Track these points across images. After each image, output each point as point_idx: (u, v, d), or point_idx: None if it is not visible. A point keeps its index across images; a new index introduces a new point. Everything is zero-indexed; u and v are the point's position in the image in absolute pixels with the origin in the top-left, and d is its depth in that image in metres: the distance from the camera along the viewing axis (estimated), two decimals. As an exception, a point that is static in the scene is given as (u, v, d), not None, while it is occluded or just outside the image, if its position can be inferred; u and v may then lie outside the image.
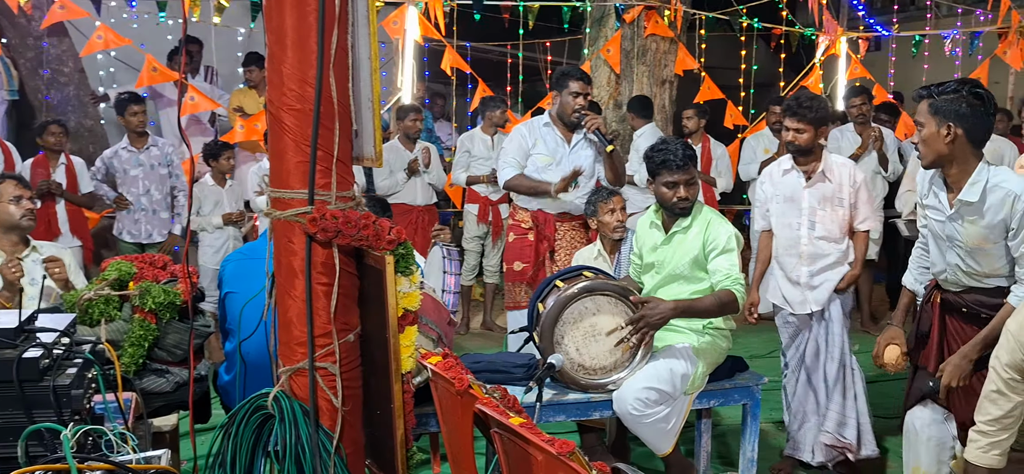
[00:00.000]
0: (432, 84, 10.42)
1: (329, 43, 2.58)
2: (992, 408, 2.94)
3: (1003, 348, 2.92)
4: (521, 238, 5.18)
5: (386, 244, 2.60)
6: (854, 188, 4.32)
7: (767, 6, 9.95)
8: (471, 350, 5.90)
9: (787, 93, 9.18)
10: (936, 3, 12.56)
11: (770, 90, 10.65)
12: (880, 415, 5.37)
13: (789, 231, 4.43)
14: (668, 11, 8.43)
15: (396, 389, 2.67)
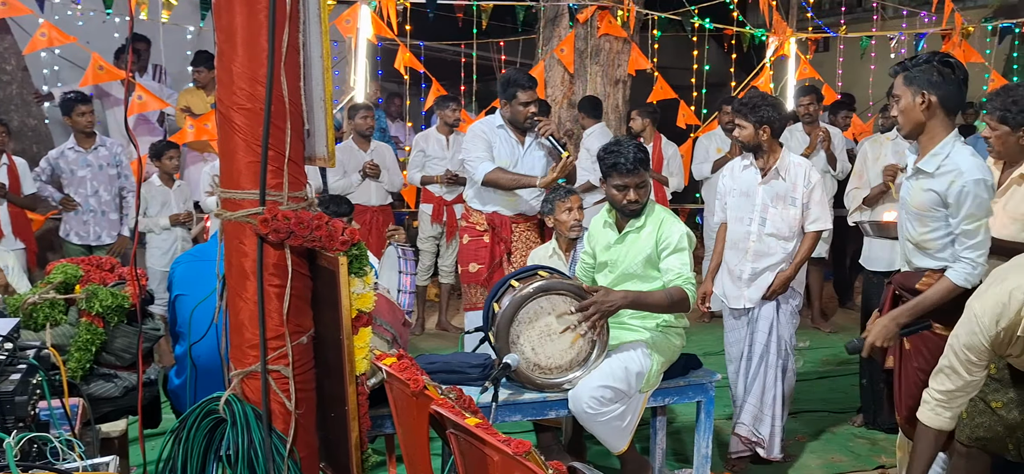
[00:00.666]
0: (386, 83, 10.37)
1: (280, 41, 2.55)
2: (946, 381, 3.04)
3: (963, 328, 2.96)
4: (476, 240, 5.17)
5: (339, 245, 2.58)
6: (808, 188, 4.39)
7: (718, 7, 10.06)
8: (426, 351, 5.88)
9: (738, 93, 9.29)
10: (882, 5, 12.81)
11: (722, 90, 10.77)
12: (833, 410, 5.47)
13: (741, 225, 4.50)
14: (621, 11, 8.48)
15: (350, 391, 2.65)
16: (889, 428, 4.98)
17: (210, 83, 7.53)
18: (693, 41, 9.91)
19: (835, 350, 6.91)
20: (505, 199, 5.09)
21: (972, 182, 3.21)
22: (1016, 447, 3.19)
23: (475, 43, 9.09)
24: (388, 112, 10.16)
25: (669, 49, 11.05)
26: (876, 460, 4.65)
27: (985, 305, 2.91)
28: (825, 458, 4.71)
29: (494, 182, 5.04)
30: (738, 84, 9.97)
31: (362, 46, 8.00)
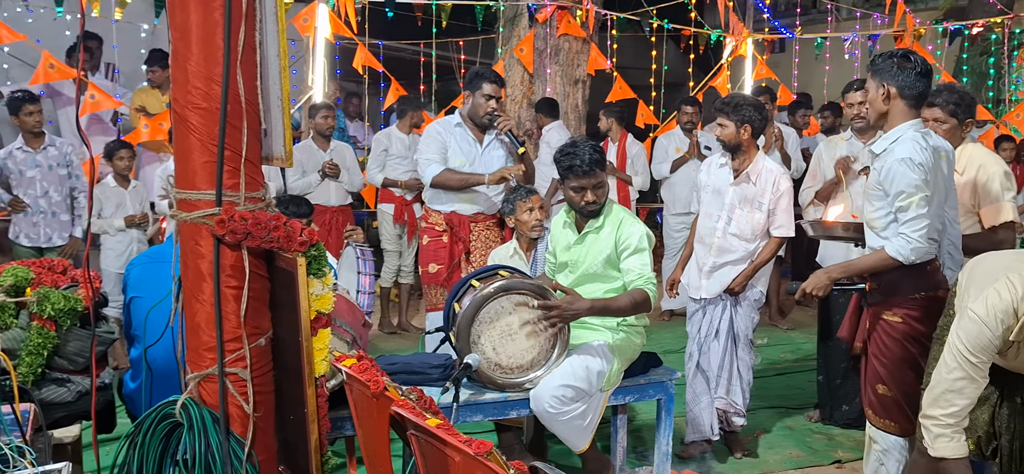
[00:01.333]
0: (345, 83, 10.29)
1: (236, 40, 2.52)
2: (958, 398, 2.94)
3: (967, 333, 2.91)
4: (435, 240, 5.14)
5: (297, 246, 2.55)
6: (776, 195, 4.48)
7: (676, 8, 10.14)
8: (387, 351, 5.85)
9: (696, 93, 9.38)
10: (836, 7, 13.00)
11: (680, 90, 10.86)
12: (790, 407, 5.54)
13: (709, 221, 4.63)
14: (580, 11, 8.51)
15: (309, 393, 2.63)
16: (846, 423, 5.06)
17: (165, 82, 7.41)
18: (651, 41, 9.97)
19: (792, 347, 7.00)
20: (463, 198, 5.07)
21: (897, 162, 3.35)
22: (977, 444, 3.24)
23: (434, 42, 9.06)
24: (347, 112, 10.09)
25: (628, 49, 11.10)
26: (833, 455, 4.72)
27: (990, 306, 2.87)
28: (783, 453, 4.77)
29: (442, 183, 5.02)
30: (696, 84, 10.06)
31: (320, 45, 7.93)
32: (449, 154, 5.05)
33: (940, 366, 2.98)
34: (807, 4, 13.63)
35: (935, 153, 3.47)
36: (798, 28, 11.78)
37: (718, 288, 4.57)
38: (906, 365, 3.54)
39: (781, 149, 7.38)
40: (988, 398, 3.19)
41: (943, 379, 2.96)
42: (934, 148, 3.49)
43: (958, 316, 3.00)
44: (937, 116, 3.90)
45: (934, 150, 3.47)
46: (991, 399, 3.19)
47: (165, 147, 7.08)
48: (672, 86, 10.63)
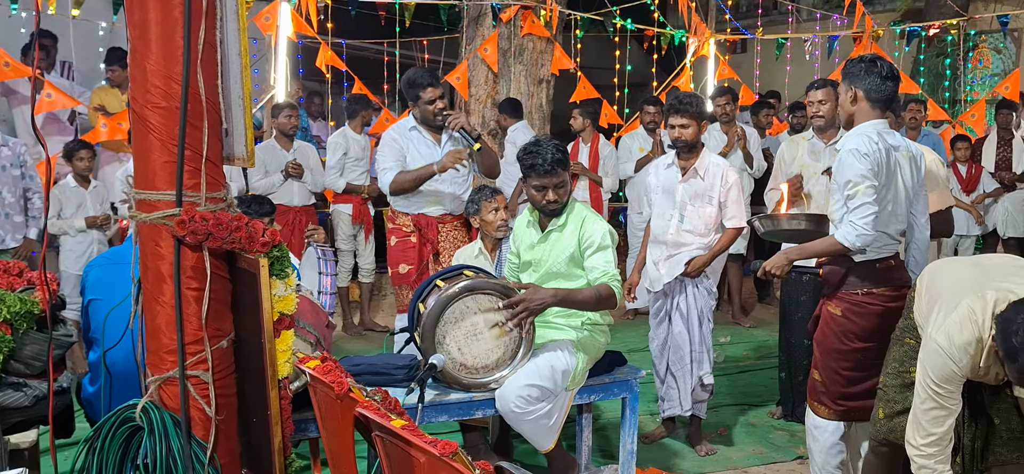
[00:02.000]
0: (307, 82, 10.21)
1: (196, 38, 2.49)
2: (934, 428, 2.95)
3: (930, 365, 2.92)
4: (404, 241, 5.09)
5: (260, 246, 2.53)
6: (725, 188, 4.60)
7: (640, 8, 10.20)
8: (351, 352, 5.81)
9: (660, 93, 9.44)
10: (797, 8, 13.15)
11: (643, 90, 10.93)
12: (753, 404, 5.60)
13: (662, 220, 4.72)
14: (544, 11, 8.52)
15: (273, 395, 2.60)
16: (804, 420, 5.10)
17: (125, 81, 7.30)
18: (615, 41, 10.02)
19: (755, 344, 7.07)
20: (430, 200, 5.03)
21: (846, 152, 3.52)
22: None
23: (398, 41, 9.02)
24: (309, 111, 10.02)
25: (592, 49, 11.14)
26: (795, 451, 4.77)
27: (951, 336, 2.88)
28: (746, 450, 4.82)
29: (400, 186, 4.94)
30: (659, 84, 10.13)
31: (282, 44, 7.87)
32: (408, 159, 4.99)
33: (916, 394, 3.00)
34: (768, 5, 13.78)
35: (891, 150, 3.55)
36: (759, 29, 11.91)
37: (677, 270, 4.65)
38: (839, 357, 3.67)
39: (743, 148, 7.45)
40: None
41: (917, 408, 2.99)
42: (892, 146, 3.57)
43: (923, 344, 3.01)
44: None
45: (890, 148, 3.56)
46: None
47: (125, 147, 6.97)
48: (636, 86, 10.69)
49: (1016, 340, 2.62)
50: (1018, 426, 3.10)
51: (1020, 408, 3.05)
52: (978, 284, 2.91)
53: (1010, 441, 3.12)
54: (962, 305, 2.88)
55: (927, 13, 12.12)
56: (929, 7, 12.26)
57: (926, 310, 3.09)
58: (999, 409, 3.13)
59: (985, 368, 2.89)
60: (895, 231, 3.66)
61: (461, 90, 8.79)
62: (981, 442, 3.19)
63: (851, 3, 10.05)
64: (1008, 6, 12.09)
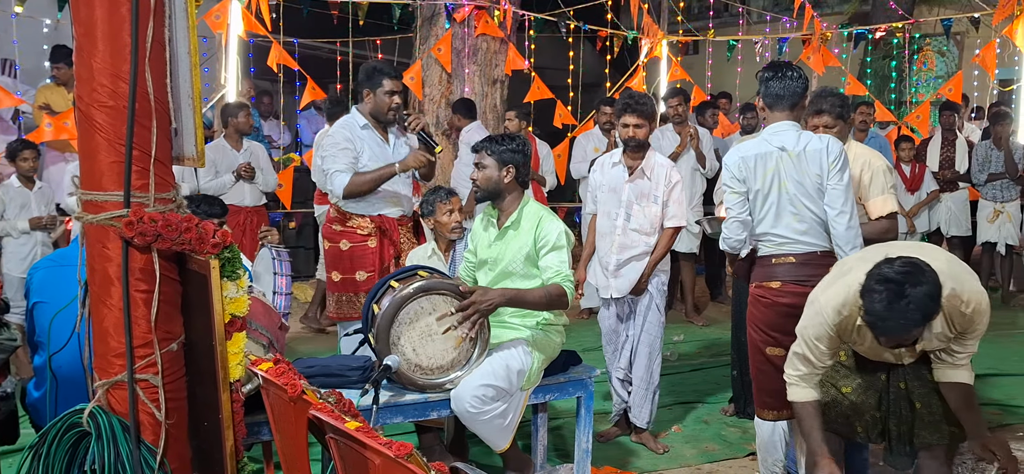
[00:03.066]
0: (259, 81, 10.10)
1: (144, 36, 2.44)
2: (801, 365, 3.26)
3: (810, 319, 3.18)
4: (360, 245, 4.89)
5: (210, 248, 2.49)
6: (668, 187, 4.69)
7: (593, 9, 10.25)
8: (305, 354, 5.76)
9: (613, 93, 9.50)
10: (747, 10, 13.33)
11: (597, 90, 10.99)
12: (706, 401, 5.65)
13: (608, 219, 4.77)
14: (497, 11, 8.53)
15: (224, 398, 2.57)
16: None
17: (71, 79, 7.14)
18: (569, 42, 10.06)
19: (708, 342, 7.15)
20: (389, 200, 4.88)
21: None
22: (864, 429, 3.40)
23: (351, 41, 8.96)
24: (260, 110, 9.91)
25: (545, 50, 11.19)
26: (747, 447, 4.83)
27: (829, 297, 3.13)
28: (699, 447, 4.86)
29: (356, 189, 4.71)
30: (613, 85, 10.19)
31: (233, 42, 7.77)
32: (361, 159, 4.79)
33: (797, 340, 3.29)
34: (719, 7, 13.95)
35: (767, 155, 3.80)
36: (711, 31, 12.04)
37: (627, 287, 4.72)
38: (754, 352, 3.92)
39: (696, 149, 7.53)
40: (874, 384, 3.37)
41: (792, 349, 3.29)
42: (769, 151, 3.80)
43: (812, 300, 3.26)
44: (826, 122, 4.14)
45: (766, 153, 3.80)
46: (877, 385, 3.35)
47: (71, 146, 6.84)
48: (589, 87, 10.75)
49: (870, 281, 2.85)
50: (938, 409, 3.24)
51: (940, 391, 3.21)
52: (869, 257, 3.06)
53: (932, 424, 3.26)
54: (852, 272, 3.09)
55: (873, 16, 12.38)
56: (875, 10, 12.53)
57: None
58: (920, 394, 3.28)
59: (860, 336, 3.11)
60: (790, 230, 3.80)
61: (415, 90, 8.76)
62: (907, 427, 3.32)
63: (800, 6, 10.21)
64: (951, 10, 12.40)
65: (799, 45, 10.50)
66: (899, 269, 2.81)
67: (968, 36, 12.47)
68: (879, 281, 2.82)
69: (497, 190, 3.90)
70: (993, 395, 5.64)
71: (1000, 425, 5.19)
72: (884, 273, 2.82)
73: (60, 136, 6.89)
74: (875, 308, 2.81)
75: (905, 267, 2.81)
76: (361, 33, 9.15)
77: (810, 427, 3.24)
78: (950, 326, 3.04)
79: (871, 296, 2.83)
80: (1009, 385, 5.84)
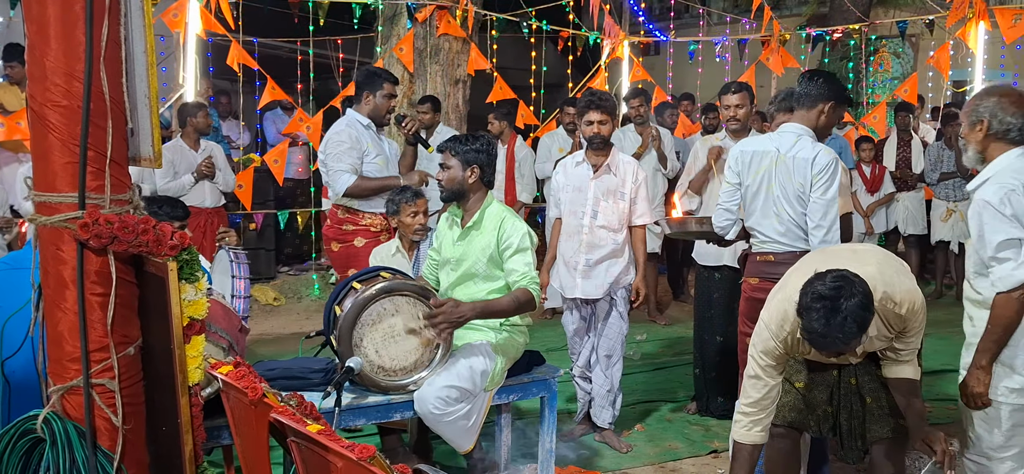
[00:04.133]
0: (217, 81, 9.98)
1: (99, 35, 2.40)
2: (752, 391, 3.23)
3: (758, 336, 3.22)
4: (373, 241, 5.01)
5: (168, 250, 2.45)
6: (635, 184, 4.73)
7: (555, 9, 10.27)
8: (266, 357, 5.70)
9: (575, 94, 9.53)
10: (708, 12, 13.45)
11: (559, 91, 11.01)
12: (668, 400, 5.69)
13: (574, 218, 4.78)
14: (459, 11, 8.51)
15: (183, 403, 2.53)
16: (721, 414, 5.22)
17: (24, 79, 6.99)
18: (531, 42, 10.07)
19: (671, 341, 7.19)
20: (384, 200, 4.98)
21: None
22: (817, 424, 3.45)
23: (312, 40, 8.89)
24: (218, 110, 9.80)
25: (508, 50, 11.19)
26: (710, 445, 4.87)
27: (771, 314, 3.18)
28: (662, 445, 4.89)
29: (356, 193, 4.94)
30: (575, 85, 10.22)
31: (191, 41, 7.67)
32: (367, 158, 4.98)
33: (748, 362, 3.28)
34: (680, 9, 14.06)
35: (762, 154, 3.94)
36: (672, 32, 12.13)
37: (598, 291, 4.70)
38: (741, 345, 4.00)
39: (658, 149, 7.57)
40: (826, 380, 3.43)
41: (744, 374, 3.28)
42: (765, 150, 3.94)
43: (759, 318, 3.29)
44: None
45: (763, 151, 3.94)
46: (828, 380, 3.40)
47: (24, 147, 6.70)
48: (551, 87, 10.77)
49: (805, 300, 2.87)
50: (887, 403, 3.32)
51: (888, 387, 3.28)
52: (813, 268, 3.06)
53: (881, 417, 3.32)
54: (789, 285, 3.14)
55: (831, 18, 12.54)
56: (833, 12, 12.69)
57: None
58: (870, 389, 3.35)
59: (804, 347, 3.12)
60: (772, 230, 3.91)
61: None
62: (858, 422, 3.38)
63: (759, 7, 10.32)
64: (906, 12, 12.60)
65: (758, 46, 10.62)
66: (831, 284, 2.84)
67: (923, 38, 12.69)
68: (814, 299, 2.84)
69: (461, 190, 3.89)
70: (949, 391, 5.74)
71: (955, 420, 5.28)
72: (817, 290, 2.85)
73: (13, 136, 6.74)
74: (813, 326, 2.84)
75: (836, 281, 2.84)
76: (322, 32, 9.08)
77: (738, 470, 3.28)
78: (887, 327, 3.10)
79: (809, 314, 2.85)
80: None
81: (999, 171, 3.09)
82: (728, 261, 5.07)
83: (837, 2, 12.30)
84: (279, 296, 8.53)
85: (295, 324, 7.59)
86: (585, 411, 4.96)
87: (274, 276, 9.15)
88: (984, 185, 3.12)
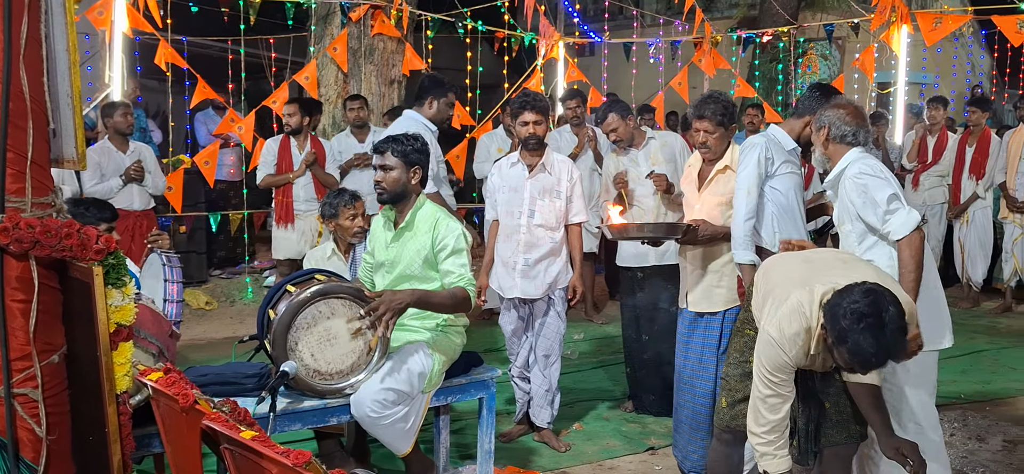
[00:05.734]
0: (145, 80, 9.75)
1: (17, 33, 2.32)
2: (770, 414, 3.11)
3: (764, 355, 3.09)
4: None
5: (93, 254, 2.38)
6: (571, 183, 4.77)
7: (490, 10, 10.28)
8: (198, 362, 5.58)
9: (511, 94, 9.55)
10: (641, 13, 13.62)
11: (495, 91, 11.02)
12: (604, 399, 5.73)
13: (511, 219, 4.78)
14: (394, 11, 8.46)
15: (110, 411, 2.46)
16: (657, 411, 5.27)
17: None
18: (466, 43, 10.07)
19: (608, 340, 7.25)
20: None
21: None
22: None
23: (243, 39, 8.74)
24: (146, 110, 9.57)
25: (443, 50, 11.16)
26: (646, 442, 4.92)
27: (780, 328, 3.05)
28: (600, 444, 4.93)
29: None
30: (511, 86, 10.24)
31: (117, 40, 7.47)
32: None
33: (754, 384, 3.17)
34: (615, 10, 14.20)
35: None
36: (606, 33, 12.24)
37: (537, 290, 4.73)
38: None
39: (594, 149, 7.62)
40: None
41: (755, 397, 3.15)
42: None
43: (758, 336, 3.18)
44: (706, 127, 4.22)
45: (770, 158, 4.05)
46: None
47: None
48: (487, 88, 10.78)
49: (844, 322, 2.80)
50: (847, 409, 3.31)
51: (849, 392, 3.27)
52: (806, 278, 3.10)
53: (839, 423, 3.33)
54: (792, 298, 3.06)
55: (761, 21, 12.81)
56: (763, 15, 12.97)
57: (760, 303, 3.28)
58: (829, 393, 3.34)
59: (814, 356, 3.08)
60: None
61: (310, 90, 8.61)
62: (814, 425, 3.39)
63: (691, 9, 10.47)
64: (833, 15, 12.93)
65: (691, 48, 10.78)
66: (867, 300, 2.80)
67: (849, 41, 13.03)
68: (856, 318, 2.78)
69: (404, 192, 3.84)
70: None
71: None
72: (856, 309, 2.79)
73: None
74: (865, 347, 2.77)
75: (869, 295, 2.81)
76: (254, 32, 8.94)
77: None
78: None
79: (856, 336, 2.78)
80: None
81: (852, 161, 3.62)
82: (654, 260, 5.12)
83: (766, 5, 12.57)
84: (211, 300, 8.36)
85: (228, 328, 7.45)
86: (524, 411, 4.97)
87: (206, 280, 8.97)
88: (849, 167, 3.60)
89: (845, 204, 3.61)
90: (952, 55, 15.20)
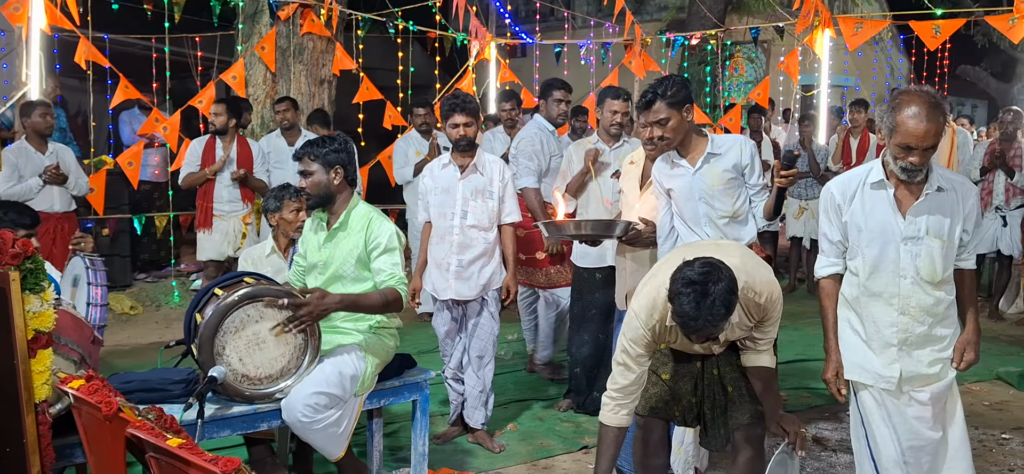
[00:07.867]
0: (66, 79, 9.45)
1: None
2: (621, 378, 3.36)
3: (627, 325, 3.35)
4: (530, 229, 5.47)
5: (9, 259, 2.30)
6: (503, 183, 4.79)
7: (422, 10, 10.24)
8: (122, 369, 5.43)
9: (443, 94, 9.52)
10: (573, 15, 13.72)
11: (427, 91, 10.99)
12: (538, 398, 5.76)
13: (444, 220, 4.77)
14: (324, 10, 8.36)
15: (29, 421, 2.38)
16: (593, 411, 5.31)
17: None
18: (398, 43, 10.01)
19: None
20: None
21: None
22: (682, 413, 3.59)
23: (168, 37, 8.53)
24: (65, 110, 9.28)
25: (374, 50, 11.07)
26: (580, 441, 4.95)
27: (641, 303, 3.32)
28: (534, 443, 4.94)
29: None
30: (443, 86, 10.22)
31: (35, 36, 7.23)
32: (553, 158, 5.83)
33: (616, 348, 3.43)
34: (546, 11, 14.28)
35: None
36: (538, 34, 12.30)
37: (471, 291, 4.73)
38: None
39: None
40: (690, 371, 3.57)
41: (614, 359, 3.40)
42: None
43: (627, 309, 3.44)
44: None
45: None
46: (693, 372, 3.55)
47: None
48: (419, 88, 10.73)
49: (676, 286, 3.03)
50: (747, 391, 3.49)
51: (746, 375, 3.47)
52: (676, 260, 3.24)
53: (742, 405, 3.49)
54: (658, 276, 3.30)
55: (689, 24, 13.02)
56: (691, 18, 13.18)
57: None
58: (731, 378, 3.51)
59: (672, 335, 3.31)
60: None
61: (238, 89, 8.46)
62: (720, 410, 3.54)
63: (621, 11, 10.59)
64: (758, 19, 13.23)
65: (621, 50, 10.90)
66: (700, 270, 3.02)
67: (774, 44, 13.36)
68: (684, 284, 3.01)
69: (328, 194, 3.81)
70: (803, 380, 6.04)
71: (810, 407, 5.58)
72: (687, 276, 3.02)
73: None
74: (685, 309, 3.00)
75: (704, 268, 3.03)
76: (178, 29, 8.73)
77: (605, 451, 3.41)
78: (748, 315, 3.28)
79: (679, 299, 3.01)
80: (816, 370, 6.27)
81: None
82: (611, 262, 5.13)
83: (694, 8, 12.78)
84: (136, 305, 8.15)
85: (154, 333, 7.27)
86: (458, 413, 4.96)
87: (130, 283, 8.75)
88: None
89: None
90: (872, 59, 15.70)
